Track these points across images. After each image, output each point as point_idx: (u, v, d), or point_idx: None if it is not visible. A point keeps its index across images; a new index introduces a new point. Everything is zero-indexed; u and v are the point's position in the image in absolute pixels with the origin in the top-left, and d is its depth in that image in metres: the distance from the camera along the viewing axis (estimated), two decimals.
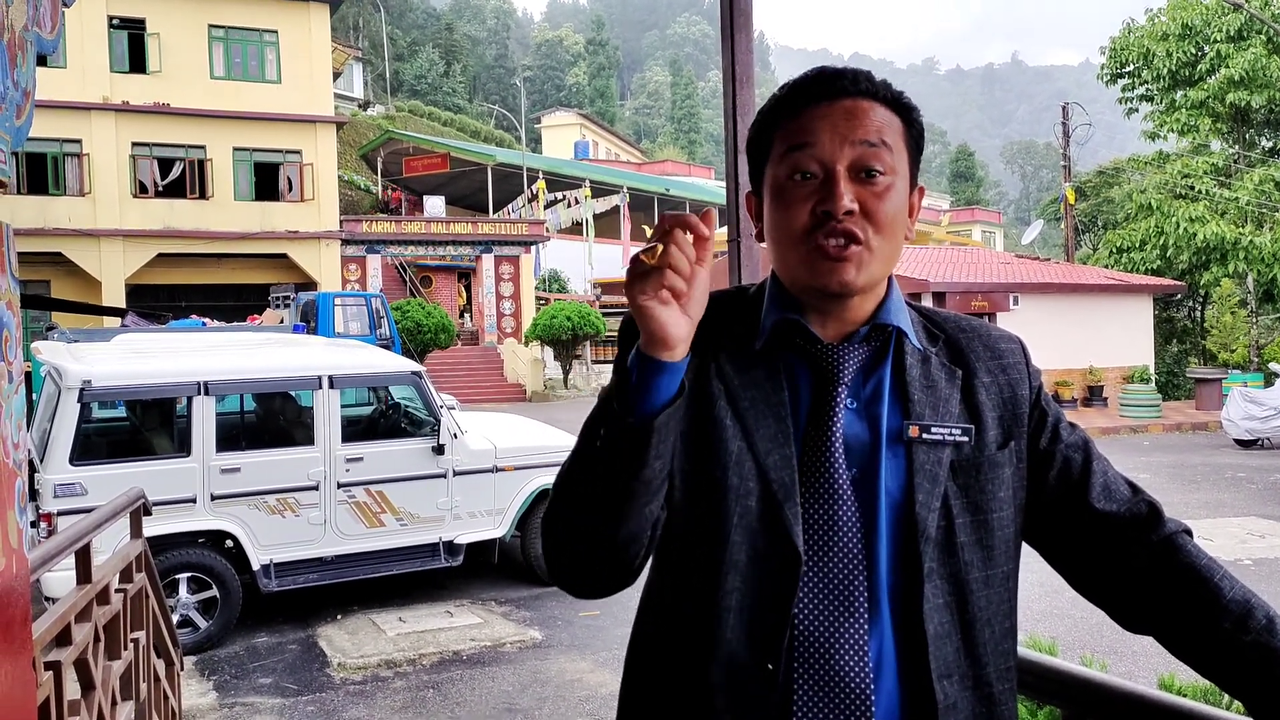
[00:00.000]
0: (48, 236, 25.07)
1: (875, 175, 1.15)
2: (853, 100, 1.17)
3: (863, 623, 1.12)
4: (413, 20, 78.26)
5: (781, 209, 1.17)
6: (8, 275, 1.40)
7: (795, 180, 1.16)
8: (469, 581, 7.95)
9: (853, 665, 1.10)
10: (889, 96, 1.19)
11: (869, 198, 1.14)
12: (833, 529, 1.13)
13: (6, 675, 1.31)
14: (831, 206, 1.13)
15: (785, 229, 1.17)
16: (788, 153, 1.17)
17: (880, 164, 1.15)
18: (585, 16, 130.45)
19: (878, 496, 1.14)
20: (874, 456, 1.15)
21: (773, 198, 1.19)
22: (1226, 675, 1.16)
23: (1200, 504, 11.12)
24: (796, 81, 1.22)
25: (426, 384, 7.48)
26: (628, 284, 1.03)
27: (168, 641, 4.22)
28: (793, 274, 1.19)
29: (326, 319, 21.09)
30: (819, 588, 1.12)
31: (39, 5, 1.53)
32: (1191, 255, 24.23)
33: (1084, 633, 6.55)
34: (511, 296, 31.60)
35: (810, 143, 1.15)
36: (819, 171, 1.15)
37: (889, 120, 1.18)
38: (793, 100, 1.19)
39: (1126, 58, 27.38)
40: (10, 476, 1.36)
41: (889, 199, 1.15)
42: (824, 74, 1.19)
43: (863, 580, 1.12)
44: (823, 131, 1.15)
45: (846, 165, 1.14)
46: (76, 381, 6.33)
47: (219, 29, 27.59)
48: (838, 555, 1.13)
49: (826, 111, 1.16)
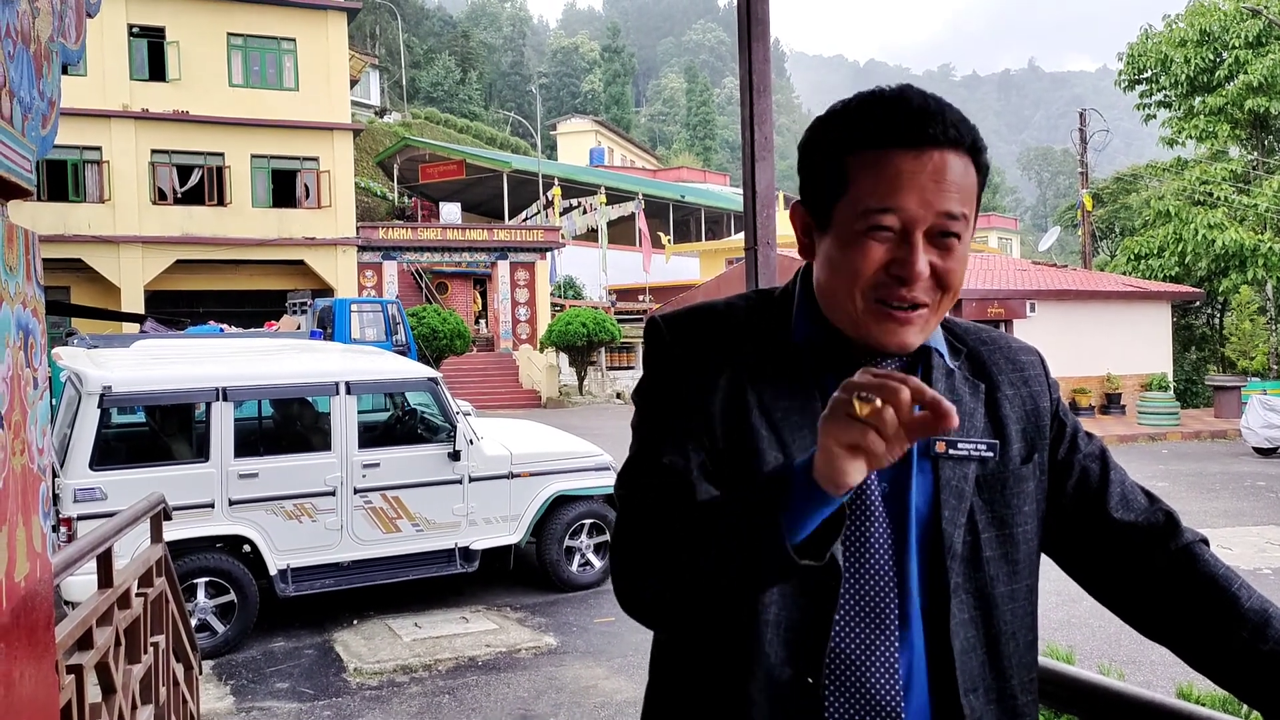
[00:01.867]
0: (68, 243, 25.29)
1: (951, 239, 1.11)
2: (940, 154, 1.09)
3: (893, 638, 1.12)
4: (429, 28, 78.62)
5: (849, 252, 1.12)
6: (33, 282, 1.42)
7: (871, 231, 1.10)
8: (484, 587, 7.96)
9: (884, 681, 1.11)
10: (970, 142, 1.12)
11: (942, 262, 1.11)
12: (865, 544, 1.13)
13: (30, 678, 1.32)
14: (907, 273, 1.09)
15: (848, 274, 1.12)
16: (868, 211, 1.10)
17: (958, 228, 1.11)
18: (601, 23, 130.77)
19: (908, 512, 1.14)
20: (904, 472, 1.15)
21: (841, 237, 1.13)
22: (1244, 684, 1.16)
23: (1219, 512, 11.04)
24: (875, 106, 1.13)
25: (442, 390, 7.50)
26: (827, 418, 0.93)
27: (187, 646, 4.25)
28: (847, 318, 1.14)
29: (343, 325, 21.18)
30: (851, 602, 1.12)
31: (64, 16, 1.55)
32: (1210, 262, 24.09)
33: (1102, 642, 6.51)
34: (527, 303, 31.67)
35: (894, 208, 1.09)
36: (896, 227, 1.09)
37: (968, 177, 1.12)
38: (873, 132, 1.11)
39: (1144, 64, 27.28)
40: (35, 481, 1.38)
41: (958, 259, 1.12)
42: (909, 109, 1.10)
43: (894, 596, 1.13)
44: (910, 194, 1.08)
45: (926, 229, 1.10)
46: (97, 387, 6.38)
47: (238, 37, 27.80)
48: (870, 571, 1.13)
49: (914, 169, 1.08)
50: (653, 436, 1.19)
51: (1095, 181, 34.07)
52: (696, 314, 1.25)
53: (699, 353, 1.20)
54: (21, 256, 1.37)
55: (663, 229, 43.06)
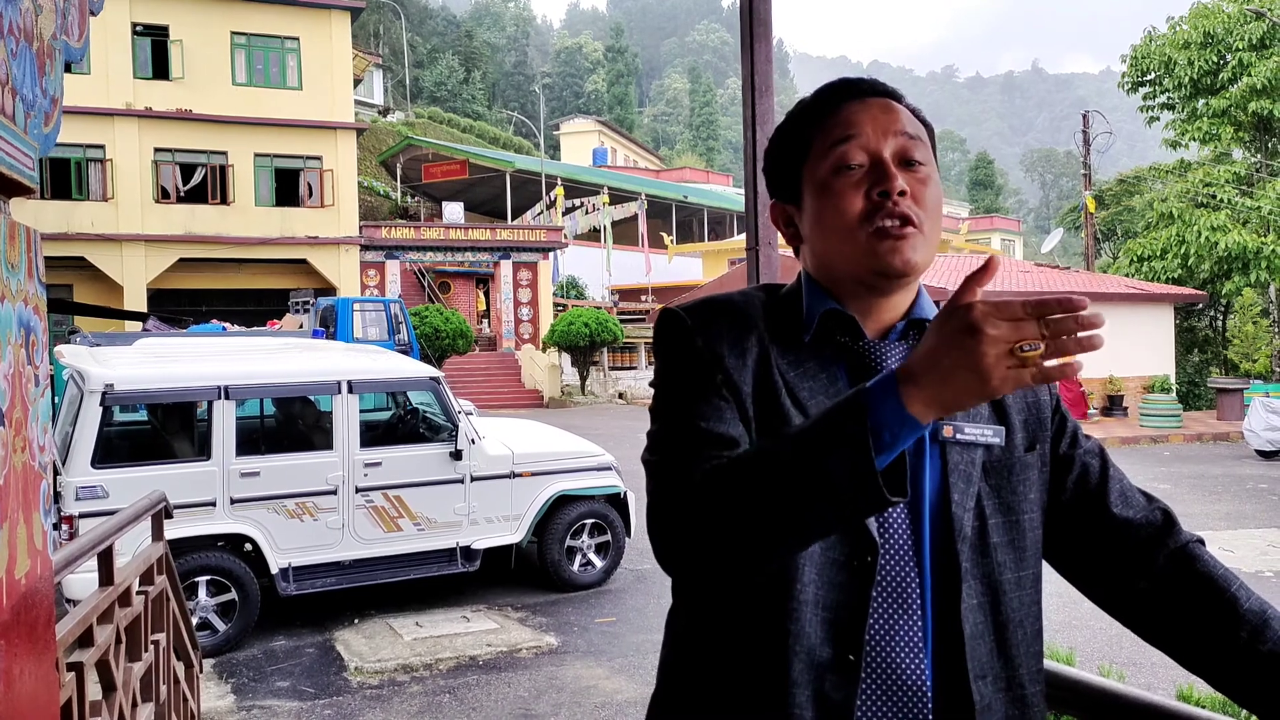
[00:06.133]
0: (71, 241, 25.32)
1: (916, 165, 1.19)
2: (883, 99, 1.22)
3: (917, 617, 1.13)
4: (433, 27, 78.69)
5: (831, 201, 1.19)
6: (35, 280, 1.42)
7: (842, 172, 1.18)
8: (486, 587, 7.97)
9: (910, 659, 1.13)
10: (910, 106, 1.24)
11: (915, 184, 1.17)
12: (886, 526, 1.15)
13: (31, 676, 1.32)
14: (888, 186, 1.15)
15: (837, 220, 1.18)
16: (832, 146, 1.20)
17: (920, 155, 1.19)
18: (604, 24, 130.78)
19: (921, 495, 1.16)
20: (917, 456, 1.16)
21: (818, 192, 1.21)
22: (1241, 686, 1.16)
23: (1221, 515, 11.03)
24: (825, 86, 1.27)
25: (444, 389, 7.51)
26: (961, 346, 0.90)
27: (187, 644, 4.25)
28: (848, 264, 1.19)
29: (346, 324, 21.20)
30: (879, 582, 1.14)
31: (67, 14, 1.55)
32: (1213, 264, 24.07)
33: (1103, 644, 6.50)
34: (529, 303, 31.68)
35: (855, 134, 1.19)
36: (866, 161, 1.18)
37: (917, 125, 1.23)
38: (829, 99, 1.24)
39: (1148, 66, 27.26)
40: (36, 479, 1.38)
41: (931, 187, 1.19)
42: (849, 78, 1.26)
43: (915, 575, 1.14)
44: (865, 124, 1.19)
45: (891, 154, 1.18)
46: (99, 385, 6.38)
47: (241, 36, 27.83)
48: (892, 552, 1.14)
49: (864, 106, 1.21)
50: (684, 411, 1.16)
51: (1098, 183, 34.05)
52: (713, 303, 1.25)
53: (724, 337, 1.20)
54: (24, 254, 1.38)
55: (665, 229, 43.07)
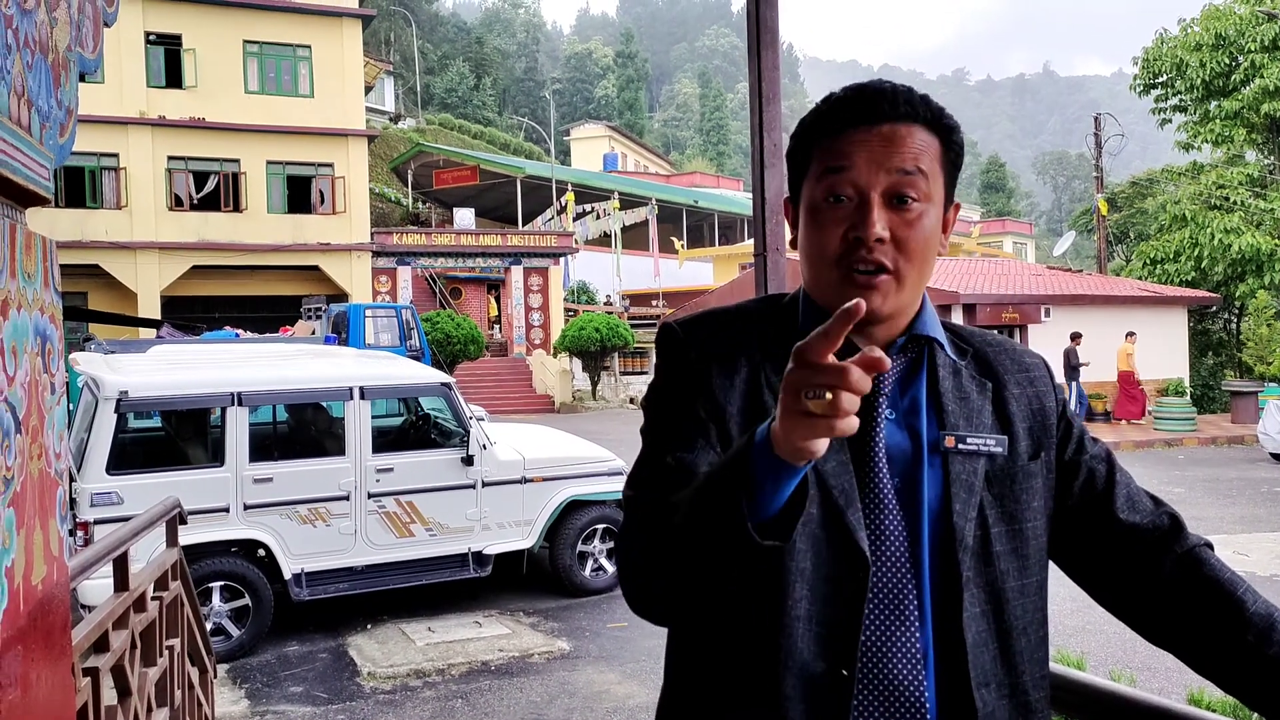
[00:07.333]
0: (85, 249, 25.47)
1: (909, 202, 1.15)
2: (892, 125, 1.16)
3: (914, 628, 1.13)
4: (443, 34, 78.86)
5: (815, 229, 1.19)
6: (51, 289, 1.44)
7: (830, 203, 1.17)
8: (497, 592, 7.97)
9: (907, 671, 1.12)
10: (929, 117, 1.18)
11: (901, 226, 1.15)
12: (882, 538, 1.15)
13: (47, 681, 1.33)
14: (863, 233, 1.14)
15: (818, 250, 1.19)
16: (824, 174, 1.17)
17: (915, 191, 1.15)
18: (614, 29, 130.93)
19: (920, 506, 1.16)
20: (915, 467, 1.17)
21: (808, 216, 1.21)
22: (1250, 689, 1.16)
23: (1236, 519, 10.96)
24: (838, 98, 1.21)
25: (456, 395, 7.53)
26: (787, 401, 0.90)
27: (201, 649, 4.27)
28: (823, 294, 1.20)
29: (357, 330, 21.25)
30: (874, 594, 1.14)
31: (82, 26, 1.57)
32: (1226, 267, 23.91)
33: (1116, 648, 6.47)
34: (540, 308, 31.74)
35: (846, 167, 1.16)
36: (854, 196, 1.16)
37: (927, 144, 1.17)
38: (833, 118, 1.19)
39: (1159, 68, 27.11)
40: (53, 486, 1.40)
41: (920, 226, 1.16)
42: (865, 93, 1.18)
43: (912, 588, 1.14)
44: (859, 156, 1.15)
45: (881, 192, 1.15)
46: (114, 392, 6.42)
47: (253, 44, 27.98)
48: (888, 564, 1.14)
49: (865, 136, 1.16)
50: (661, 438, 1.20)
51: (1110, 186, 33.91)
52: (710, 317, 1.27)
53: (715, 353, 1.22)
54: (39, 263, 1.39)
55: (676, 234, 43.02)
